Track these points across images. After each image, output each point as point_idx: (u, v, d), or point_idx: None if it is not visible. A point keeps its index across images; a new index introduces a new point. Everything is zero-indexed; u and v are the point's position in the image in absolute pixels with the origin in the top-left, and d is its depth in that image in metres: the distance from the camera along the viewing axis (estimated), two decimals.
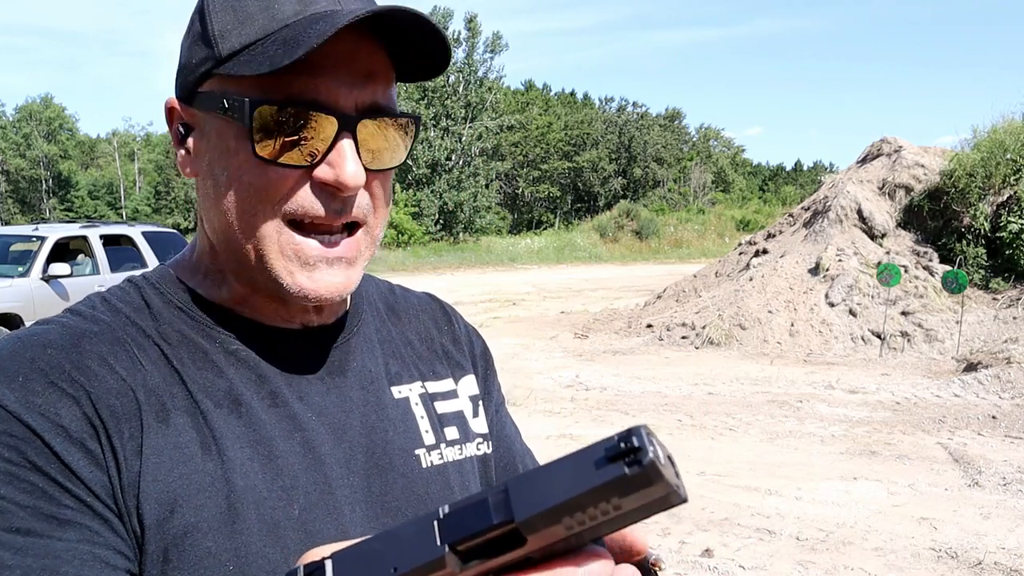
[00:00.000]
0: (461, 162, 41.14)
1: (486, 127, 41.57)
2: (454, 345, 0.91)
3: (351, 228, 0.71)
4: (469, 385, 0.89)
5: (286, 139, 0.65)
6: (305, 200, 0.66)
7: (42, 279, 9.01)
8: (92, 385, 0.62)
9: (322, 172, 0.66)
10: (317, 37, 0.60)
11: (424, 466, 0.78)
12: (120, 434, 0.61)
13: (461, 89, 41.19)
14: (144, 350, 0.67)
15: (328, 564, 0.35)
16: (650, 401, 7.68)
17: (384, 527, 0.70)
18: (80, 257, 9.86)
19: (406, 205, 36.24)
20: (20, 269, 9.15)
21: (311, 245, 0.68)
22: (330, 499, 0.69)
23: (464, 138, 41.07)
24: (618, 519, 0.33)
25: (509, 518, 0.33)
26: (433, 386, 0.84)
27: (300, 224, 0.68)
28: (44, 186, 55.01)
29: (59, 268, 9.06)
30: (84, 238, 9.86)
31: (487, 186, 42.44)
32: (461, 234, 39.73)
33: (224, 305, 0.74)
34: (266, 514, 0.65)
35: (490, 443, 0.87)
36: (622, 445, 0.32)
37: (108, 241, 10.05)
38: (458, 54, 41.81)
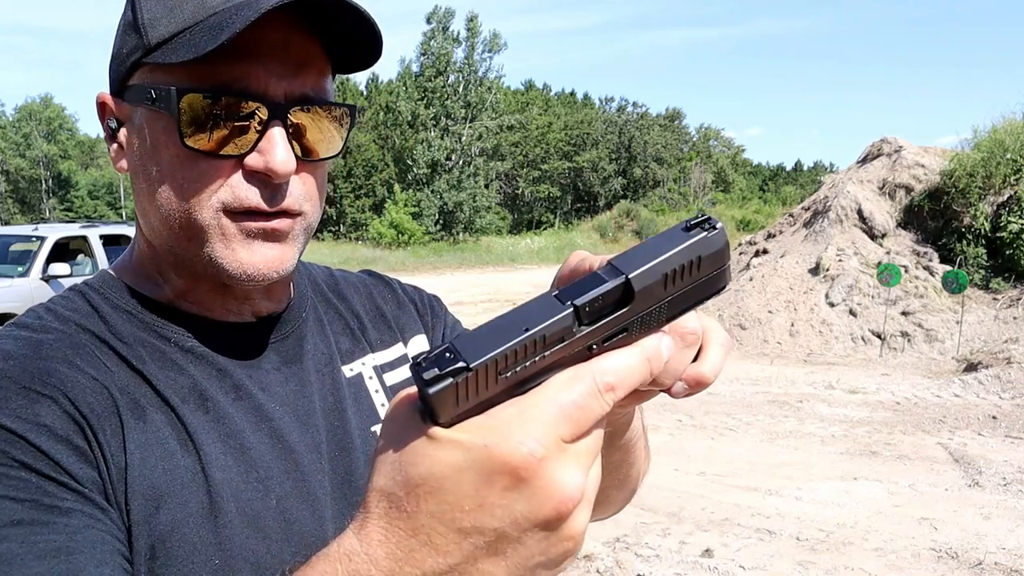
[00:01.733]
0: (461, 162, 41.14)
1: (486, 127, 41.56)
2: (400, 309, 0.92)
3: (284, 215, 0.70)
4: (420, 344, 0.90)
5: (216, 129, 0.64)
6: (239, 189, 0.65)
7: (42, 279, 9.01)
8: (65, 386, 0.61)
9: (252, 160, 0.65)
10: (242, 22, 0.59)
11: None
12: (103, 430, 0.61)
13: (461, 89, 41.18)
14: (104, 353, 0.66)
15: (453, 344, 0.39)
16: (650, 401, 7.66)
17: (353, 507, 0.70)
18: (80, 257, 9.86)
19: (406, 205, 36.24)
20: (20, 269, 9.15)
21: (247, 222, 0.67)
22: (304, 486, 0.70)
23: (464, 138, 41.07)
24: (692, 292, 0.42)
25: (622, 274, 0.40)
26: (383, 356, 0.85)
27: (235, 213, 0.67)
28: (44, 186, 55.00)
29: (59, 268, 9.06)
30: (84, 238, 9.86)
31: (487, 186, 42.45)
32: (461, 234, 39.73)
33: (171, 304, 0.73)
34: (245, 506, 0.65)
35: None
36: (699, 218, 0.42)
37: (108, 241, 10.05)
38: (458, 54, 41.83)
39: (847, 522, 4.55)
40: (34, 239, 9.56)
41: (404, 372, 0.86)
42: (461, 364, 0.37)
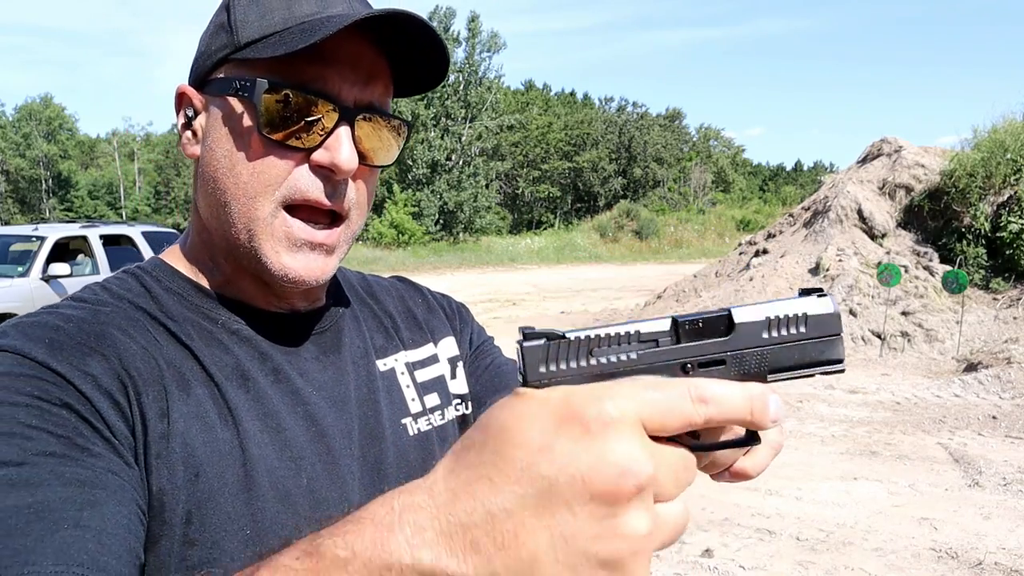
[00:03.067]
0: (461, 162, 41.12)
1: (486, 127, 41.54)
2: (430, 312, 0.96)
3: (334, 220, 0.75)
4: (449, 346, 0.94)
5: (290, 122, 0.70)
6: (301, 182, 0.71)
7: (42, 279, 9.01)
8: (117, 348, 0.66)
9: (319, 155, 0.71)
10: (333, 27, 0.66)
11: (412, 434, 0.83)
12: (147, 394, 0.65)
13: (461, 89, 41.17)
14: (155, 328, 0.71)
15: (566, 332, 0.42)
16: None
17: (380, 492, 0.75)
18: (80, 257, 9.86)
19: (406, 205, 36.23)
20: (20, 269, 9.15)
21: (300, 226, 0.72)
22: (334, 468, 0.74)
23: (464, 138, 41.06)
24: (796, 350, 0.42)
25: (726, 310, 0.42)
26: (414, 355, 0.90)
27: (293, 208, 0.72)
28: (44, 186, 54.97)
29: (59, 268, 9.06)
30: (84, 238, 9.86)
31: (487, 186, 42.42)
32: (461, 234, 39.71)
33: (219, 290, 0.78)
34: (278, 482, 0.69)
35: (468, 403, 0.92)
36: (812, 288, 0.44)
37: (108, 241, 10.05)
38: (458, 54, 41.80)
39: (847, 522, 4.55)
40: (34, 239, 9.56)
41: (435, 370, 0.90)
42: (558, 332, 0.41)
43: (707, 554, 4.11)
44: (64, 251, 9.71)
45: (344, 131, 0.71)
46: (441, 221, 39.70)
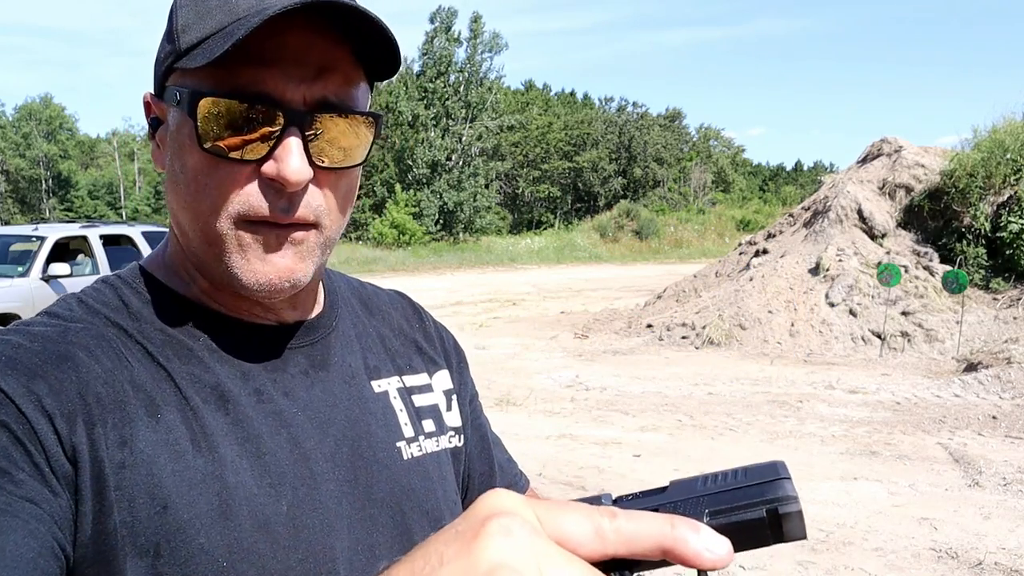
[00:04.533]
0: (461, 162, 41.12)
1: (486, 127, 41.53)
2: (426, 341, 0.93)
3: (303, 229, 0.69)
4: (443, 380, 0.90)
5: (232, 134, 0.64)
6: (252, 197, 0.66)
7: (42, 279, 9.01)
8: (78, 370, 0.62)
9: (267, 167, 0.65)
10: (248, 27, 0.60)
11: (405, 458, 0.79)
12: (103, 422, 0.61)
13: (461, 89, 41.17)
14: (128, 348, 0.67)
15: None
16: (650, 401, 7.67)
17: (371, 518, 0.73)
18: (80, 257, 9.85)
19: (406, 205, 36.23)
20: (20, 269, 9.14)
21: (263, 232, 0.67)
22: (316, 494, 0.70)
23: (464, 138, 41.05)
24: (733, 492, 0.41)
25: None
26: (410, 380, 0.86)
27: (250, 223, 0.67)
28: (44, 186, 54.98)
29: (59, 268, 9.05)
30: (84, 238, 9.86)
31: (487, 186, 42.41)
32: (461, 234, 39.71)
33: (200, 302, 0.73)
34: (256, 510, 0.65)
35: (461, 436, 0.90)
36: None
37: (108, 241, 10.04)
38: (460, 54, 41.81)
39: (847, 522, 4.55)
40: (34, 239, 9.56)
41: (430, 398, 0.87)
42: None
43: None
44: (64, 251, 9.71)
45: (292, 139, 0.64)
46: (441, 221, 39.70)
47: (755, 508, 0.39)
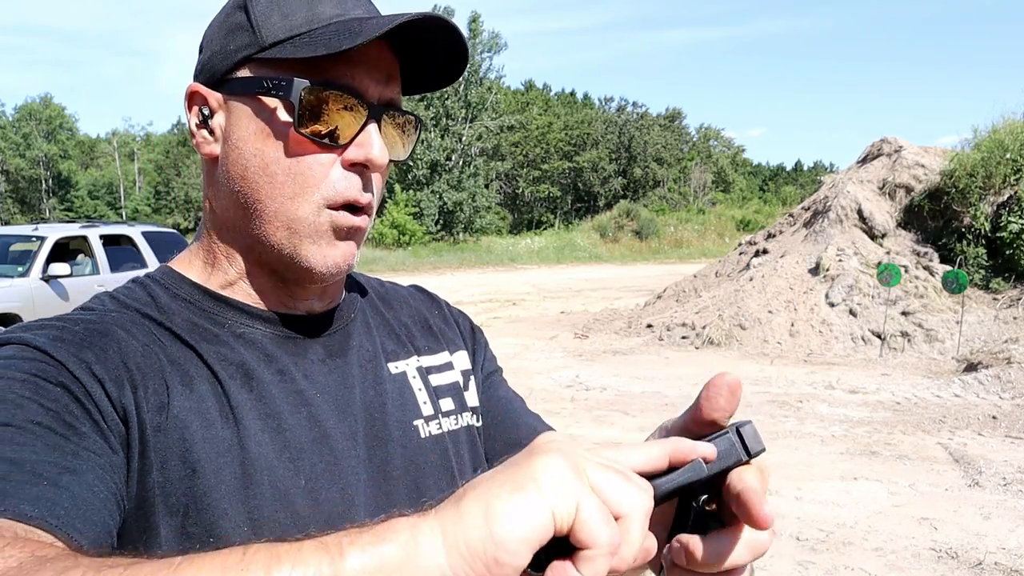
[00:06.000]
0: (461, 162, 41.12)
1: (486, 127, 41.54)
2: (445, 324, 0.97)
3: (366, 214, 0.78)
4: (462, 359, 0.94)
5: (325, 120, 0.72)
6: (339, 182, 0.74)
7: (42, 279, 9.01)
8: (119, 343, 0.68)
9: (352, 153, 0.73)
10: (372, 31, 0.68)
11: (423, 436, 0.82)
12: (144, 387, 0.67)
13: (461, 89, 41.16)
14: (159, 332, 0.73)
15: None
16: (650, 401, 7.67)
17: (387, 495, 0.77)
18: (80, 257, 9.85)
19: (406, 205, 36.22)
20: (20, 269, 9.14)
21: (344, 217, 0.75)
22: (336, 469, 0.74)
23: (464, 138, 41.05)
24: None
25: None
26: (428, 360, 0.90)
27: (333, 207, 0.74)
28: (44, 186, 54.97)
29: (59, 268, 9.05)
30: (84, 238, 9.86)
31: (487, 186, 42.42)
32: (461, 234, 39.71)
33: (228, 292, 0.79)
34: (276, 481, 0.70)
35: (479, 416, 0.92)
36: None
37: (108, 241, 10.04)
38: None
39: (847, 522, 4.55)
40: (34, 239, 9.55)
41: (449, 376, 0.90)
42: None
43: None
44: (64, 251, 9.70)
45: (373, 128, 0.74)
46: (441, 221, 39.70)
47: (726, 432, 0.56)
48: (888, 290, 10.43)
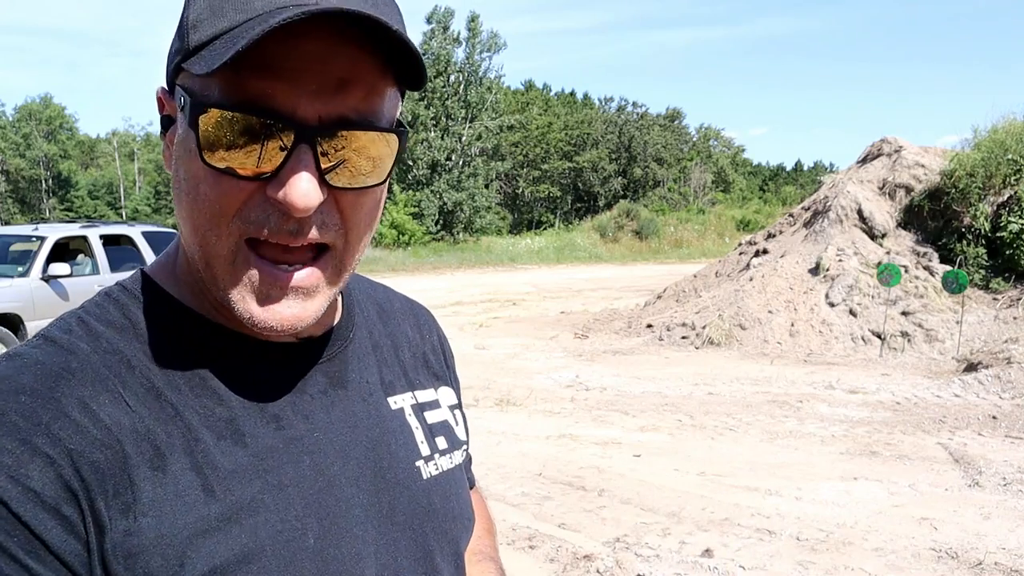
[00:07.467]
0: (461, 162, 41.11)
1: (486, 127, 41.53)
2: (433, 355, 0.91)
3: (320, 250, 0.64)
4: (448, 395, 0.90)
5: (236, 148, 0.58)
6: (259, 217, 0.60)
7: (42, 279, 9.01)
8: (72, 440, 0.57)
9: (271, 189, 0.59)
10: (251, 36, 0.53)
11: (425, 478, 0.78)
12: (104, 493, 0.57)
13: (461, 89, 41.16)
14: (131, 386, 0.62)
15: None
16: (650, 401, 7.67)
17: (394, 542, 0.72)
18: (80, 257, 9.85)
19: (406, 205, 36.23)
20: (20, 269, 9.14)
21: (267, 271, 0.61)
22: (343, 522, 0.68)
23: (464, 138, 41.05)
24: None
25: None
26: (421, 396, 0.85)
27: (259, 242, 0.61)
28: (44, 186, 55.00)
29: (59, 268, 9.05)
30: (84, 238, 9.85)
31: (487, 186, 42.42)
32: (461, 234, 39.71)
33: (211, 317, 0.68)
34: (281, 547, 0.63)
35: (466, 451, 0.91)
36: None
37: (108, 241, 10.04)
38: (458, 54, 41.80)
39: (847, 522, 4.55)
40: (34, 239, 9.55)
41: (440, 414, 0.86)
42: None
43: (707, 554, 4.11)
44: (64, 251, 9.70)
45: (302, 160, 0.58)
46: (441, 221, 39.70)
47: None
48: (888, 290, 10.43)
